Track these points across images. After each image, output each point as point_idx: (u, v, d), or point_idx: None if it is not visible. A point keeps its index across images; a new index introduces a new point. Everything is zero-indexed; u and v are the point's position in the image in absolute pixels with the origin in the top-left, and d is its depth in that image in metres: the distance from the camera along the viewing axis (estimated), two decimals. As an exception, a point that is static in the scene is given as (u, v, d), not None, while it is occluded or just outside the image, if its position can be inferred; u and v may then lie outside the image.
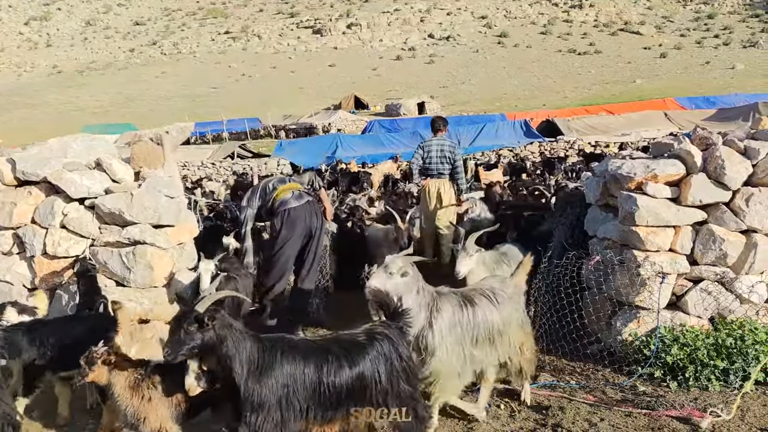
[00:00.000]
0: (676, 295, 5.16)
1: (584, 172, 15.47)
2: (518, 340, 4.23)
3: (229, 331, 3.14)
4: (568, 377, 4.98)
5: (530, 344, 4.41)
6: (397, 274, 3.75)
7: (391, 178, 17.95)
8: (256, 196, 5.89)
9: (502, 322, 4.07)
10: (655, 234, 5.05)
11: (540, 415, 4.32)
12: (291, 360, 3.19)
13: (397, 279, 3.75)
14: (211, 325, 3.10)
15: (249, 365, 3.11)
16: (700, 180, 5.02)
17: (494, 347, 4.08)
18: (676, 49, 72.99)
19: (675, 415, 4.16)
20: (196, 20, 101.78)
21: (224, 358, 3.11)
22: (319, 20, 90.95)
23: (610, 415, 4.26)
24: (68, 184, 5.40)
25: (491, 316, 4.03)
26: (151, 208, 5.36)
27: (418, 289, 3.84)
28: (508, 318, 4.13)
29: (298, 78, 70.23)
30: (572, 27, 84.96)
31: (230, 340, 3.11)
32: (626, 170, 5.22)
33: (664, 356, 4.81)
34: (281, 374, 3.14)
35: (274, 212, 5.78)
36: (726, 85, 49.31)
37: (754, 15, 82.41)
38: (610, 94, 51.35)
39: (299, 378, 3.17)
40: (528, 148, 23.94)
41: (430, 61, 75.74)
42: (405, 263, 3.82)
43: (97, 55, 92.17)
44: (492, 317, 4.03)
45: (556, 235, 6.03)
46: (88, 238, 5.49)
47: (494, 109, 44.32)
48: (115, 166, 5.55)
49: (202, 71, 77.33)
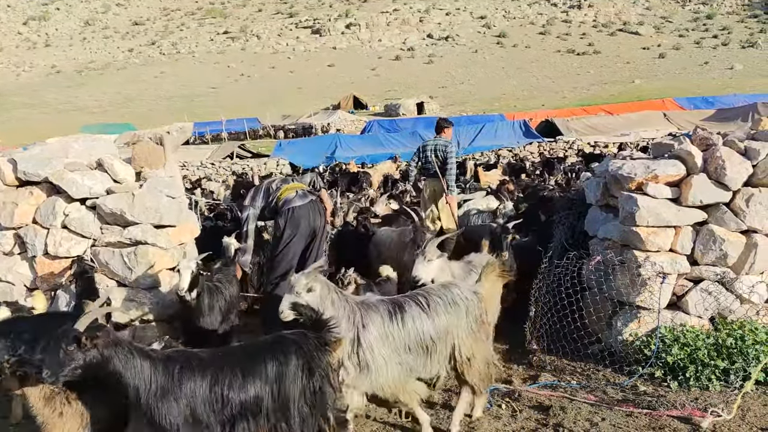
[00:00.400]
0: (677, 295, 5.18)
1: (583, 172, 15.51)
2: (465, 351, 3.95)
3: (115, 350, 2.94)
4: (569, 377, 5.00)
5: (483, 355, 4.09)
6: (303, 292, 3.62)
7: (390, 178, 17.96)
8: (260, 195, 5.88)
9: (436, 330, 3.83)
10: (656, 234, 5.06)
11: (541, 414, 4.33)
12: (189, 375, 3.02)
13: (304, 297, 3.61)
14: (91, 344, 2.89)
15: (144, 384, 2.94)
16: (701, 180, 5.03)
17: (429, 356, 3.87)
18: (674, 50, 73.01)
19: (676, 415, 4.18)
20: (195, 20, 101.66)
21: (114, 377, 2.94)
22: (318, 20, 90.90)
23: (611, 414, 4.27)
24: (70, 184, 5.40)
25: (422, 324, 3.80)
26: (153, 209, 5.36)
27: (332, 301, 3.69)
28: (445, 326, 3.86)
29: (297, 78, 70.21)
30: (571, 27, 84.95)
31: (117, 360, 2.93)
32: (627, 171, 5.23)
33: (665, 356, 4.83)
34: (181, 392, 2.98)
35: (279, 211, 5.77)
36: (725, 86, 49.32)
37: (753, 15, 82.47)
38: (609, 94, 51.38)
39: (199, 393, 3.00)
40: (527, 148, 23.95)
41: (429, 61, 75.72)
42: (310, 279, 3.67)
43: (95, 55, 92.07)
44: (423, 325, 3.80)
45: (557, 235, 6.04)
46: (90, 238, 5.48)
47: (493, 110, 44.33)
48: (117, 166, 5.55)
49: (200, 71, 77.26)
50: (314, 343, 3.28)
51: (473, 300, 4.04)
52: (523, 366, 5.30)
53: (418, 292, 4.08)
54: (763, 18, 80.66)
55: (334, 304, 3.70)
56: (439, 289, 4.03)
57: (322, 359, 3.26)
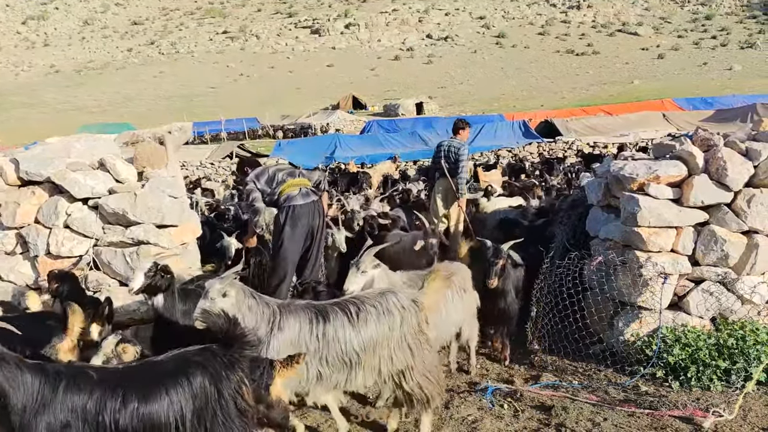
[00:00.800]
0: (678, 295, 5.20)
1: (583, 172, 15.53)
2: (398, 363, 3.72)
3: None
4: (571, 377, 5.01)
5: (421, 369, 3.79)
6: (218, 297, 3.54)
7: (390, 178, 17.97)
8: (263, 178, 5.87)
9: (361, 342, 3.61)
10: (657, 235, 5.08)
11: (543, 414, 4.34)
12: (75, 393, 2.75)
13: (219, 303, 3.51)
14: None
15: (27, 400, 2.69)
16: (702, 181, 5.05)
17: (353, 370, 3.66)
18: (673, 50, 73.10)
19: (678, 415, 4.19)
20: (194, 20, 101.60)
21: None
22: (317, 20, 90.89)
23: (613, 414, 4.28)
24: (72, 184, 5.40)
25: (344, 334, 3.60)
26: (155, 209, 5.36)
27: (249, 307, 3.59)
28: (374, 337, 3.63)
29: (296, 78, 70.20)
30: (570, 28, 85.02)
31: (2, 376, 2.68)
32: (628, 171, 5.24)
33: (666, 356, 4.84)
34: (61, 410, 2.71)
35: (279, 206, 5.80)
36: (723, 86, 49.36)
37: (752, 16, 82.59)
38: (608, 94, 51.39)
39: (81, 414, 2.72)
40: (526, 148, 23.93)
41: (428, 62, 75.74)
42: (224, 284, 3.57)
43: (94, 55, 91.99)
44: (345, 335, 3.59)
45: (558, 236, 6.05)
46: (92, 238, 5.48)
47: (492, 110, 44.33)
48: (119, 166, 5.55)
49: (200, 71, 77.23)
50: (222, 361, 2.99)
51: (411, 309, 3.78)
52: (525, 366, 5.32)
53: (351, 299, 3.85)
54: (761, 19, 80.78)
55: (252, 309, 3.58)
56: (375, 297, 3.79)
57: (232, 378, 2.97)
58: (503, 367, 5.32)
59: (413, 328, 3.77)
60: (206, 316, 3.38)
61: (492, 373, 5.21)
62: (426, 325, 3.90)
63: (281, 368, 3.28)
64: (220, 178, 21.48)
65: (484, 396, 4.63)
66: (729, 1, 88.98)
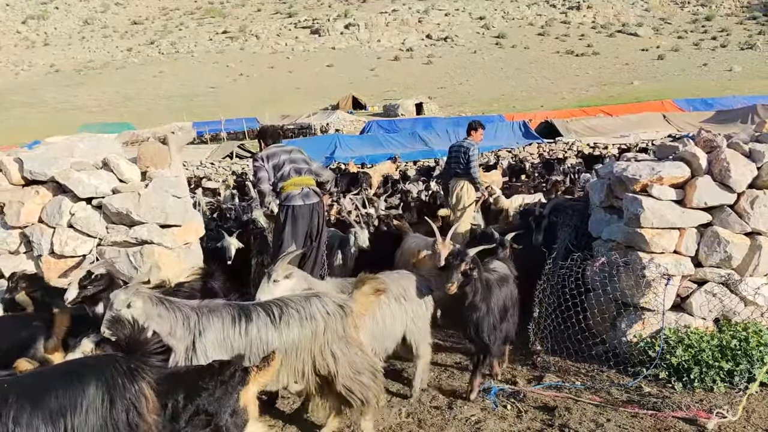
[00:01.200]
0: (681, 296, 5.21)
1: (584, 173, 15.55)
2: (323, 369, 3.71)
3: None
4: (574, 378, 5.02)
5: (348, 373, 3.73)
6: (123, 308, 3.48)
7: (390, 178, 17.99)
8: (273, 162, 5.90)
9: (283, 343, 3.59)
10: (660, 236, 5.09)
11: (547, 415, 4.35)
12: None
13: (125, 313, 3.43)
14: None
15: None
16: (705, 182, 5.06)
17: None
18: (673, 51, 73.03)
19: (681, 416, 4.20)
20: (194, 20, 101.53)
21: None
22: (317, 20, 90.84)
23: (616, 415, 4.29)
24: (76, 183, 5.41)
25: (266, 334, 3.57)
26: (159, 208, 5.38)
27: (159, 314, 3.52)
28: (295, 340, 3.62)
29: (296, 78, 70.14)
30: (570, 28, 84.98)
31: None
32: (631, 172, 5.26)
33: (669, 357, 4.85)
34: None
35: (280, 203, 5.91)
36: (724, 87, 49.34)
37: (752, 17, 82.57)
38: (608, 95, 51.36)
39: None
40: (527, 149, 23.95)
41: (428, 62, 75.68)
42: (129, 294, 3.52)
43: (94, 54, 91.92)
44: (267, 336, 3.57)
45: (561, 236, 6.06)
46: (95, 237, 5.50)
47: (492, 110, 44.29)
48: (123, 166, 5.56)
49: (199, 71, 77.17)
50: (121, 368, 2.79)
51: (336, 315, 3.73)
52: (527, 367, 5.32)
53: (274, 301, 3.81)
54: (761, 20, 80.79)
55: (163, 316, 3.52)
56: (299, 301, 3.75)
57: (130, 387, 2.76)
58: (506, 367, 5.31)
59: (338, 333, 3.72)
60: (114, 327, 3.25)
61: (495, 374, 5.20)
62: (355, 330, 3.86)
63: (257, 373, 3.15)
64: (220, 178, 21.46)
65: (487, 396, 4.64)
66: (729, 2, 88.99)
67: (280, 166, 5.93)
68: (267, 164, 5.90)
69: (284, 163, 5.93)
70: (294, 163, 5.99)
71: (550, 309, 5.44)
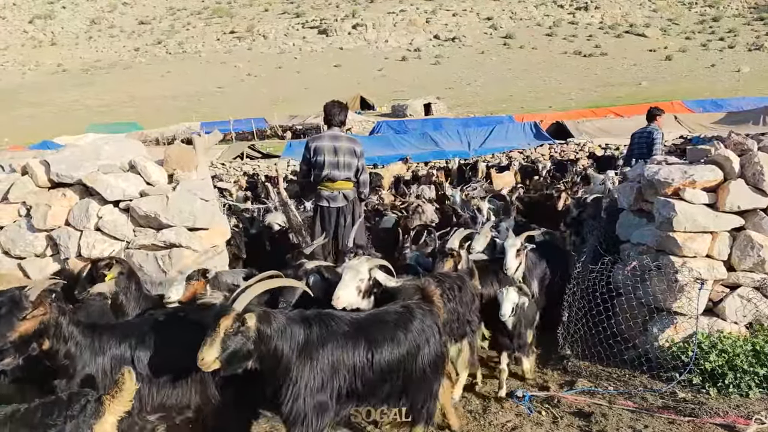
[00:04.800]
0: (713, 301, 5.16)
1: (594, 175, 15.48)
2: None
3: None
4: (606, 383, 4.97)
5: None
6: None
7: (401, 179, 17.97)
8: (317, 144, 6.22)
9: None
10: (693, 240, 5.04)
11: (583, 421, 4.31)
12: None
13: None
14: None
15: None
16: (738, 186, 5.01)
17: None
18: (681, 52, 72.84)
19: (719, 423, 4.15)
20: (201, 19, 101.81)
21: None
22: (325, 20, 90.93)
23: (653, 422, 4.24)
24: (103, 186, 5.39)
25: None
26: (187, 211, 5.35)
27: None
28: None
29: (304, 78, 70.22)
30: (578, 29, 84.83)
31: None
32: (663, 176, 5.21)
33: (703, 363, 4.80)
34: None
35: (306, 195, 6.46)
36: (732, 88, 49.16)
37: (759, 18, 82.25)
38: (616, 96, 51.21)
39: None
40: (538, 150, 23.92)
41: (435, 62, 75.64)
42: None
43: (102, 54, 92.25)
44: None
45: (590, 240, 6.02)
46: (123, 240, 5.48)
47: (500, 111, 44.23)
48: (150, 168, 5.54)
49: (207, 71, 77.34)
50: None
51: None
52: (558, 371, 5.27)
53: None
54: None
55: None
56: None
57: None
58: (537, 372, 5.27)
59: None
60: None
61: (527, 378, 5.16)
62: None
63: (111, 401, 2.71)
64: (231, 179, 21.47)
65: (520, 402, 4.60)
66: (736, 3, 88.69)
67: (317, 167, 6.26)
68: (309, 151, 6.25)
69: (321, 169, 6.19)
70: (338, 157, 6.17)
71: (581, 313, 5.39)
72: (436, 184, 16.19)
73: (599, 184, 11.80)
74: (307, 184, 6.50)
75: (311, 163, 6.27)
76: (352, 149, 6.22)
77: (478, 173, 18.92)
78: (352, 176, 6.29)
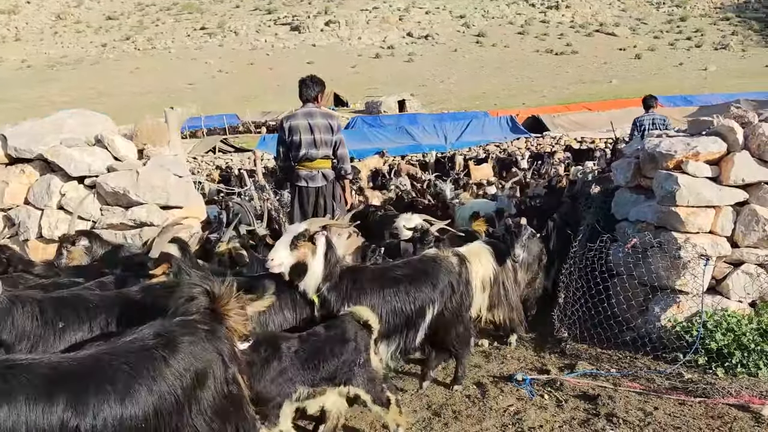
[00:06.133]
0: (716, 278, 4.95)
1: (574, 167, 15.43)
2: None
3: None
4: (607, 365, 4.72)
5: None
6: None
7: (380, 172, 17.69)
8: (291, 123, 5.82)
9: None
10: (696, 215, 4.82)
11: (589, 404, 4.03)
12: None
13: None
14: None
15: None
16: (743, 158, 4.80)
17: None
18: (650, 51, 73.74)
19: (732, 403, 3.92)
20: (171, 15, 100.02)
21: None
22: (297, 17, 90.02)
23: (663, 403, 3.99)
24: (67, 161, 4.99)
25: None
26: (160, 188, 4.97)
27: None
28: None
29: (276, 75, 69.31)
30: (549, 27, 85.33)
31: None
32: (665, 148, 4.98)
33: (709, 342, 4.57)
34: None
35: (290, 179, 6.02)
36: (700, 86, 49.82)
37: (725, 18, 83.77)
38: (588, 93, 51.52)
39: None
40: (515, 143, 23.82)
41: (409, 60, 75.42)
42: None
43: (68, 50, 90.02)
44: None
45: (586, 219, 5.77)
46: (89, 220, 5.07)
47: (474, 108, 44.12)
48: (118, 142, 5.15)
49: (177, 67, 75.96)
50: None
51: None
52: (556, 354, 5.00)
53: None
54: (734, 21, 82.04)
55: None
56: None
57: None
58: (534, 356, 5.00)
59: None
60: None
61: (524, 362, 4.89)
62: None
63: None
64: (204, 173, 20.92)
65: (520, 386, 4.32)
66: (703, 3, 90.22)
67: (288, 144, 5.88)
68: (284, 131, 5.84)
69: (299, 132, 5.78)
70: (313, 136, 5.80)
71: (578, 294, 5.13)
72: (410, 176, 16.10)
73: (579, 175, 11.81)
74: (288, 168, 6.08)
75: (287, 144, 5.91)
76: (327, 125, 5.88)
77: (455, 166, 18.77)
78: (331, 153, 5.96)
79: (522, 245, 4.71)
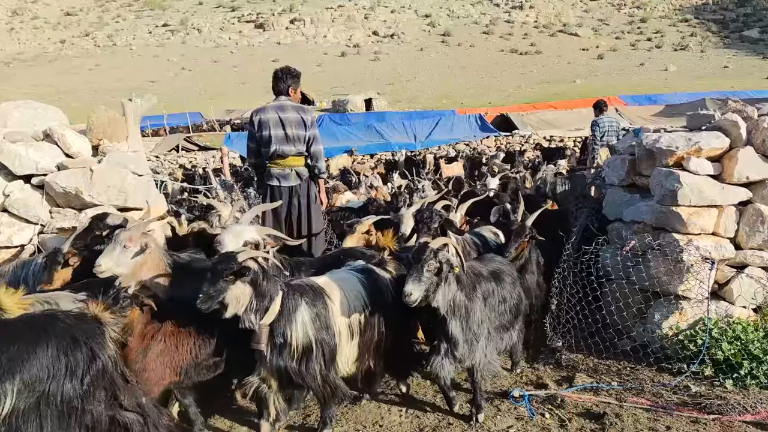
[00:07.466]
0: (719, 283, 4.68)
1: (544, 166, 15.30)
2: None
3: None
4: (607, 378, 4.39)
5: None
6: None
7: (348, 171, 17.30)
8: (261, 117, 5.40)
9: None
10: (698, 215, 4.54)
11: (596, 424, 3.69)
12: None
13: None
14: None
15: None
16: (747, 154, 4.54)
17: None
18: (612, 51, 74.82)
19: (750, 420, 3.62)
20: (132, 11, 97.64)
21: None
22: (262, 14, 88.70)
23: (674, 422, 3.68)
24: (11, 157, 4.45)
25: None
26: (116, 187, 4.47)
27: None
28: None
29: (241, 73, 68.15)
30: (514, 27, 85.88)
31: None
32: (666, 144, 4.68)
33: (715, 351, 4.29)
34: None
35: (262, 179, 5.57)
36: (661, 86, 50.61)
37: (684, 20, 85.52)
38: (553, 92, 51.88)
39: None
40: (484, 142, 23.62)
41: (375, 59, 75.01)
42: None
43: (24, 46, 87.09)
44: None
45: (579, 221, 5.45)
46: (36, 224, 4.54)
47: (442, 106, 43.98)
48: (69, 137, 4.62)
49: (139, 64, 74.06)
50: None
51: None
52: (551, 366, 4.67)
53: None
54: (693, 22, 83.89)
55: None
56: None
57: None
58: (528, 368, 4.65)
59: None
60: None
61: (518, 374, 4.53)
62: None
63: None
64: (166, 172, 20.20)
65: (518, 403, 3.96)
66: (663, 5, 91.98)
67: (262, 143, 5.44)
68: (254, 125, 5.43)
69: (269, 127, 5.35)
70: (285, 133, 5.36)
71: (573, 301, 4.80)
72: (381, 175, 15.92)
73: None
74: (259, 165, 5.61)
75: (257, 140, 5.44)
76: (299, 119, 5.40)
77: (425, 164, 18.49)
78: (304, 150, 5.51)
79: None
